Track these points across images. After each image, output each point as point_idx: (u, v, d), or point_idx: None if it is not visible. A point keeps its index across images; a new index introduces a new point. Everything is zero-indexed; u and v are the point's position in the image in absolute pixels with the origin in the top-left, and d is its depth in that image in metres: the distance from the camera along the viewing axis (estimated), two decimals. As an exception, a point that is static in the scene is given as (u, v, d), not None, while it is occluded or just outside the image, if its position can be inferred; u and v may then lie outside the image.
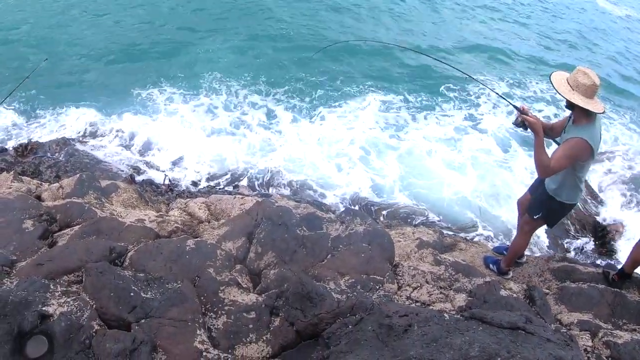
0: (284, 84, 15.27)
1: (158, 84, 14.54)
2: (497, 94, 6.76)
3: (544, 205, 5.68)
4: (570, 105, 4.93)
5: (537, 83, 17.56)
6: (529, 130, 5.14)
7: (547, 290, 6.16)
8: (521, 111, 5.13)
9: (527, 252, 6.81)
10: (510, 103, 5.58)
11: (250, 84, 15.07)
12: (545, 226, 6.46)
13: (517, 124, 5.26)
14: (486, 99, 15.81)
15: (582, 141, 4.85)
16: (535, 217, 5.81)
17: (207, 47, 16.61)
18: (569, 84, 4.84)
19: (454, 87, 16.23)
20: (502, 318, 3.82)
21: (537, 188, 5.86)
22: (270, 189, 11.18)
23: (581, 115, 4.93)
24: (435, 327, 3.72)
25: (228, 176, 11.50)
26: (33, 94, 13.37)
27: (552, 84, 4.93)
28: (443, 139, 13.65)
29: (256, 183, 11.38)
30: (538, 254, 8.55)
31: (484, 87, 7.64)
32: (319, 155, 12.46)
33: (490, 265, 6.67)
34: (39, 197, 6.65)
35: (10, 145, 11.27)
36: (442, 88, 16.15)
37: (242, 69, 15.72)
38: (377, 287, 5.24)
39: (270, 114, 13.96)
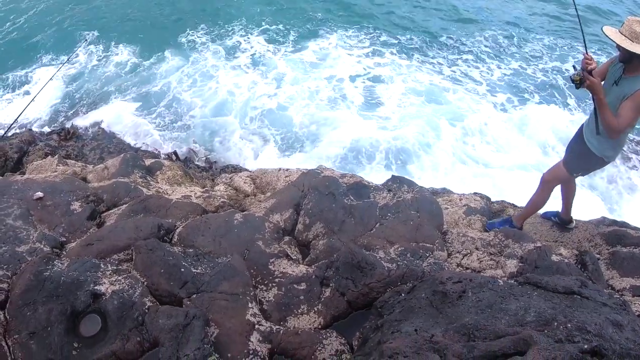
0: (297, 28, 16.59)
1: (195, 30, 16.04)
2: (583, 36, 6.21)
3: (588, 165, 5.39)
4: (629, 58, 4.69)
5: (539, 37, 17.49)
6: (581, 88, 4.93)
7: (598, 255, 5.96)
8: (584, 69, 4.85)
9: (575, 217, 6.58)
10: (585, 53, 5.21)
11: (267, 30, 16.42)
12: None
13: (573, 79, 4.97)
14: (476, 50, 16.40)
15: None
16: (574, 175, 5.57)
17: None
18: (626, 36, 4.59)
19: (453, 36, 16.96)
20: (556, 282, 3.69)
21: (577, 144, 5.54)
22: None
23: (639, 66, 4.67)
24: (490, 292, 3.62)
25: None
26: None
27: (611, 39, 4.65)
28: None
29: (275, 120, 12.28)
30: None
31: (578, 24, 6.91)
32: (323, 89, 13.55)
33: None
34: (84, 179, 6.74)
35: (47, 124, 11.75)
36: (443, 38, 16.84)
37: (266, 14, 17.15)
38: (427, 254, 5.13)
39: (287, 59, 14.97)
